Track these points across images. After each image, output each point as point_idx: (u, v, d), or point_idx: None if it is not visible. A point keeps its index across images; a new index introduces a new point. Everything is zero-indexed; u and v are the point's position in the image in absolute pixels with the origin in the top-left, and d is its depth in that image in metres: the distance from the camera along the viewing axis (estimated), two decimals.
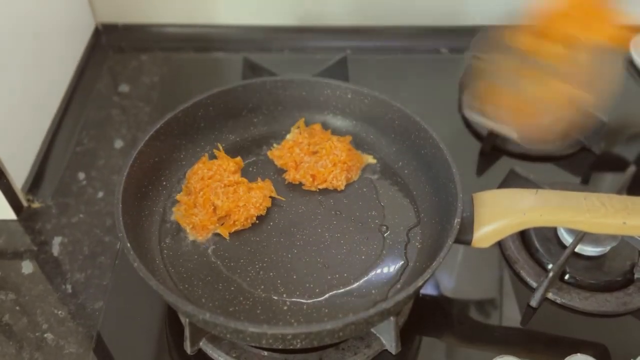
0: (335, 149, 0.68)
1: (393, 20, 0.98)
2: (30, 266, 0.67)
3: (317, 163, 0.67)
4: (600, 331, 0.61)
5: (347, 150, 0.68)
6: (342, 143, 0.69)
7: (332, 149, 0.68)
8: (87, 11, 0.95)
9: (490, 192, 0.59)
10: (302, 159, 0.68)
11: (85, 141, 0.82)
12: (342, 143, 0.69)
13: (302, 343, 0.51)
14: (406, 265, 0.60)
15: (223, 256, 0.61)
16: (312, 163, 0.67)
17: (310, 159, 0.68)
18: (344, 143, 0.69)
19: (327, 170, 0.66)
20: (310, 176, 0.67)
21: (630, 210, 0.53)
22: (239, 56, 0.90)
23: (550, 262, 0.64)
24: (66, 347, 0.60)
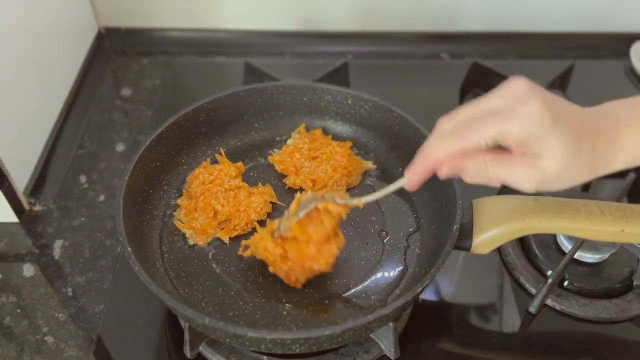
0: (336, 154, 0.68)
1: (394, 26, 0.98)
2: (31, 269, 0.67)
3: (318, 168, 0.67)
4: (599, 338, 0.61)
5: (347, 156, 0.68)
6: (343, 149, 0.69)
7: (332, 155, 0.68)
8: (90, 15, 0.96)
9: (490, 199, 0.59)
10: (302, 164, 0.68)
11: (87, 145, 0.82)
12: (343, 149, 0.69)
13: (302, 348, 0.51)
14: (406, 271, 0.61)
15: (223, 261, 0.61)
16: (313, 168, 0.68)
17: (311, 165, 0.68)
18: (345, 149, 0.69)
19: (327, 176, 0.67)
20: (311, 181, 0.67)
21: (629, 218, 0.53)
22: (241, 61, 0.91)
23: (550, 269, 0.65)
24: (66, 351, 0.60)
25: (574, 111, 0.45)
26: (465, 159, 0.45)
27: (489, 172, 0.44)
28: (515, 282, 0.65)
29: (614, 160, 0.45)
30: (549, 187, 0.45)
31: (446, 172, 0.46)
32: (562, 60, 0.91)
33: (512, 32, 0.98)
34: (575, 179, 0.45)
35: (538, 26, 0.98)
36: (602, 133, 0.45)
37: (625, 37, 0.97)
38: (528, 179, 0.44)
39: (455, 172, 0.46)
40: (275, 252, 0.56)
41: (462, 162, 0.45)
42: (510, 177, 0.44)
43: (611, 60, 0.97)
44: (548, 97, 0.43)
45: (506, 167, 0.44)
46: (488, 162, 0.44)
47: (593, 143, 0.44)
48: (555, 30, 0.98)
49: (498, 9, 0.96)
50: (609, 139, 0.45)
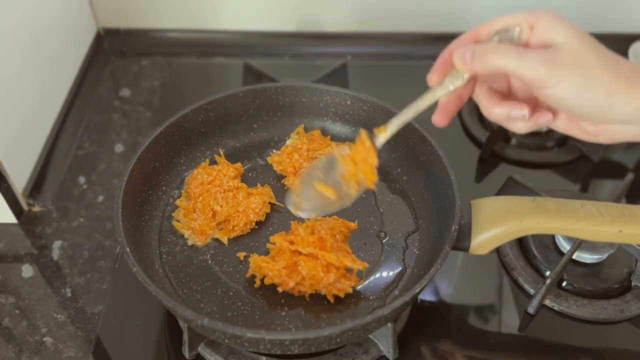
0: None
1: (393, 26, 0.98)
2: (30, 270, 0.67)
3: None
4: (598, 338, 0.61)
5: None
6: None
7: None
8: (89, 16, 0.96)
9: (488, 199, 0.59)
10: (301, 164, 0.68)
11: (86, 145, 0.82)
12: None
13: (300, 349, 0.51)
14: (404, 271, 0.61)
15: (222, 261, 0.61)
16: None
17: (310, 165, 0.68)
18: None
19: None
20: None
21: (626, 218, 0.53)
22: (240, 62, 0.91)
23: (548, 269, 0.65)
24: (65, 351, 0.60)
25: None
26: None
27: (498, 54, 0.43)
28: (514, 283, 0.66)
29: (630, 102, 0.41)
30: (556, 84, 0.41)
31: (458, 54, 0.45)
32: None
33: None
34: (584, 86, 0.41)
35: None
36: (631, 70, 0.42)
37: (624, 38, 0.97)
38: (538, 62, 0.41)
39: (466, 54, 0.44)
40: (281, 273, 0.56)
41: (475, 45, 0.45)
42: (520, 62, 0.42)
43: None
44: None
45: (517, 53, 0.43)
46: (500, 48, 0.43)
47: (617, 64, 0.42)
48: None
49: (497, 9, 0.96)
50: (637, 78, 0.42)
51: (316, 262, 0.56)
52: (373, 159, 0.53)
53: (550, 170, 0.79)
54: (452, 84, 0.47)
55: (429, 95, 0.49)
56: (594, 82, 0.41)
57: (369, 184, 0.53)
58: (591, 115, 0.43)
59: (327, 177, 0.56)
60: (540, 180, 0.75)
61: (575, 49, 0.42)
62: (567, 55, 0.42)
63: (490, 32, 0.47)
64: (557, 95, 0.42)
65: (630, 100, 0.41)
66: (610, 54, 0.43)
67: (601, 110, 0.42)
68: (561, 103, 0.43)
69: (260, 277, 0.58)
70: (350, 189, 0.54)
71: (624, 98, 0.41)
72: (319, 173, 0.56)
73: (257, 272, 0.58)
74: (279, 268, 0.56)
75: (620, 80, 0.41)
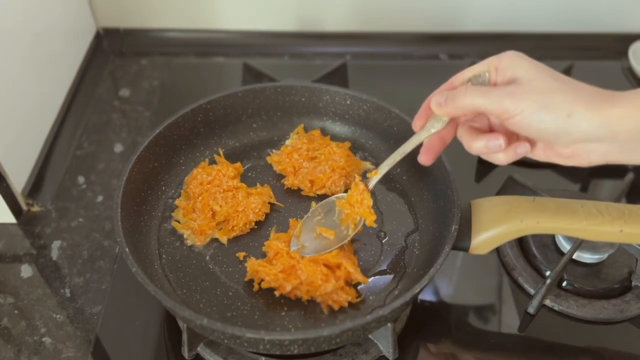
0: (334, 154, 0.68)
1: (393, 26, 0.98)
2: (29, 270, 0.67)
3: (316, 169, 0.67)
4: (598, 338, 0.61)
5: (345, 156, 0.68)
6: (341, 149, 0.69)
7: (330, 155, 0.68)
8: (89, 15, 0.95)
9: (488, 199, 0.59)
10: (300, 164, 0.68)
11: (85, 145, 0.82)
12: (341, 149, 0.69)
13: (300, 349, 0.51)
14: (404, 271, 0.60)
15: (221, 261, 0.61)
16: (311, 169, 0.68)
17: (309, 165, 0.68)
18: (343, 149, 0.69)
19: (325, 176, 0.67)
20: (309, 182, 0.67)
21: (627, 218, 0.53)
22: (239, 61, 0.91)
23: (548, 269, 0.65)
24: (64, 351, 0.60)
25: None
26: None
27: (467, 94, 0.47)
28: (514, 283, 0.65)
29: (591, 119, 0.44)
30: (520, 113, 0.45)
31: (434, 99, 0.50)
32: (560, 61, 0.91)
33: (510, 32, 0.98)
34: (545, 109, 0.44)
35: (536, 26, 0.98)
36: (588, 91, 0.45)
37: (623, 38, 0.97)
38: (502, 95, 0.45)
39: (441, 97, 0.49)
40: (278, 277, 0.57)
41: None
42: (486, 98, 0.46)
43: (610, 61, 0.97)
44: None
45: (483, 91, 0.47)
46: (468, 89, 0.48)
47: (574, 87, 0.45)
48: (553, 30, 0.99)
49: (496, 10, 0.96)
50: (594, 98, 0.44)
51: (316, 268, 0.56)
52: (368, 200, 0.59)
53: (550, 170, 0.79)
54: (434, 127, 0.52)
55: (414, 139, 0.55)
56: (553, 105, 0.44)
57: (370, 223, 0.58)
58: (559, 137, 0.45)
59: (326, 220, 0.61)
60: (540, 180, 0.75)
61: (534, 79, 0.46)
62: (527, 86, 0.46)
63: (463, 80, 0.51)
64: (524, 122, 0.45)
65: (592, 117, 0.44)
66: (569, 79, 0.46)
67: (565, 130, 0.44)
68: (529, 129, 0.46)
69: (258, 282, 0.58)
70: (348, 230, 0.59)
71: (584, 116, 0.44)
72: (319, 217, 0.61)
73: (255, 277, 0.58)
74: (276, 272, 0.57)
75: (578, 99, 0.44)
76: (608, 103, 0.44)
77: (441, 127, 0.52)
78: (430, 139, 0.54)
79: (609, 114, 0.43)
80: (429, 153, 0.55)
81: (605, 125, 0.43)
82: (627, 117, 0.43)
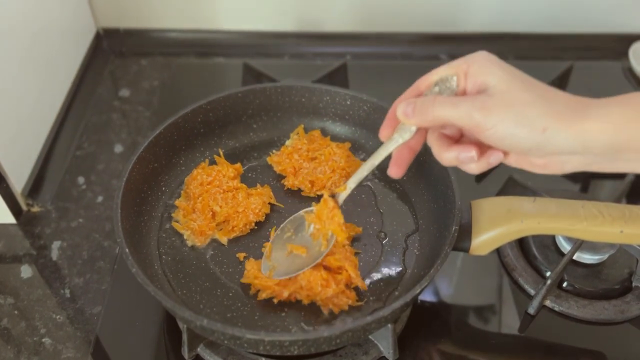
0: (334, 155, 0.68)
1: (393, 26, 0.98)
2: (29, 270, 0.67)
3: (316, 169, 0.67)
4: (598, 339, 0.61)
5: (346, 157, 0.68)
6: (341, 149, 0.69)
7: (331, 155, 0.68)
8: (89, 16, 0.95)
9: (489, 200, 0.59)
10: (301, 165, 0.68)
11: (85, 145, 0.82)
12: (341, 149, 0.69)
13: (300, 350, 0.51)
14: (404, 272, 0.60)
15: (221, 262, 0.61)
16: (311, 169, 0.68)
17: (309, 165, 0.68)
18: (343, 149, 0.69)
19: (325, 177, 0.67)
20: (309, 182, 0.67)
21: (627, 218, 0.53)
22: (239, 62, 0.91)
23: (549, 270, 0.65)
24: (64, 352, 0.60)
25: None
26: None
27: (435, 106, 0.45)
28: (514, 283, 0.65)
29: (566, 134, 0.42)
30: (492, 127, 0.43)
31: (400, 109, 0.47)
32: (560, 61, 0.91)
33: (510, 32, 0.98)
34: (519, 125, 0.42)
35: (536, 27, 0.98)
36: (562, 102, 0.43)
37: (624, 38, 0.97)
38: (472, 109, 0.43)
39: (408, 107, 0.47)
40: (274, 290, 0.56)
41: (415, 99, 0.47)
42: (455, 111, 0.44)
43: (610, 61, 0.97)
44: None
45: (453, 103, 0.44)
46: (437, 100, 0.45)
47: (547, 98, 0.43)
48: (553, 30, 0.98)
49: (496, 10, 0.96)
50: (568, 110, 0.42)
51: (316, 274, 0.56)
52: (339, 217, 0.56)
53: None
54: (402, 137, 0.50)
55: (382, 150, 0.52)
56: (527, 119, 0.42)
57: (341, 241, 0.56)
58: (533, 151, 0.44)
59: (297, 237, 0.59)
60: (540, 180, 0.75)
61: (506, 90, 0.43)
62: (498, 98, 0.43)
63: (429, 84, 0.49)
64: (496, 136, 0.43)
65: (568, 131, 0.42)
66: (544, 89, 0.44)
67: (540, 144, 0.43)
68: (501, 143, 0.44)
69: (255, 290, 0.58)
70: (320, 246, 0.57)
71: (559, 131, 0.42)
72: (289, 234, 0.59)
73: (252, 283, 0.58)
74: (272, 285, 0.56)
75: (553, 113, 0.42)
76: (582, 116, 0.42)
77: (409, 137, 0.49)
78: (399, 150, 0.51)
79: (583, 129, 0.42)
80: (399, 165, 0.52)
81: (579, 140, 0.42)
82: (601, 131, 0.42)
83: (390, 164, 0.53)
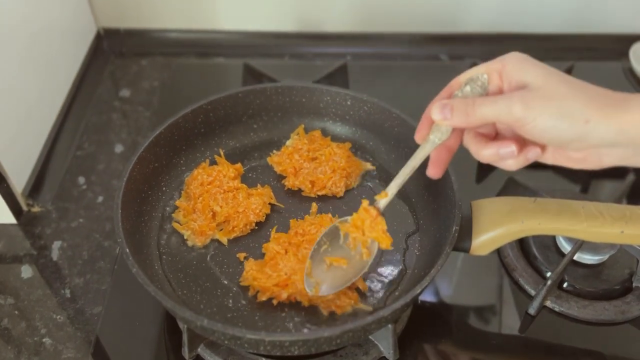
0: (335, 155, 0.68)
1: (393, 27, 0.98)
2: (29, 270, 0.67)
3: (317, 169, 0.67)
4: (599, 340, 0.61)
5: (346, 157, 0.68)
6: (342, 150, 0.69)
7: (331, 156, 0.68)
8: (89, 16, 0.95)
9: (489, 200, 0.59)
10: (301, 165, 0.68)
11: (85, 146, 0.82)
12: (342, 150, 0.69)
13: (300, 350, 0.51)
14: (405, 272, 0.60)
15: (222, 262, 0.61)
16: (312, 169, 0.68)
17: (310, 166, 0.68)
18: (344, 150, 0.69)
19: (326, 177, 0.67)
20: (310, 182, 0.67)
21: (627, 219, 0.53)
22: (240, 62, 0.91)
23: (549, 270, 0.64)
24: (64, 352, 0.60)
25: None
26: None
27: (475, 106, 0.45)
28: (515, 284, 0.65)
29: (608, 125, 0.42)
30: (533, 120, 0.43)
31: (437, 111, 0.47)
32: (561, 62, 0.91)
33: (511, 33, 0.98)
34: (561, 117, 0.43)
35: (537, 27, 0.98)
36: (600, 95, 0.44)
37: (624, 38, 0.97)
38: (511, 103, 0.43)
39: (445, 109, 0.47)
40: (273, 290, 0.56)
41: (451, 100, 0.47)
42: (495, 107, 0.44)
43: (610, 62, 0.97)
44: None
45: (491, 101, 0.45)
46: (476, 100, 0.45)
47: (585, 91, 0.44)
48: (554, 31, 0.98)
49: (497, 10, 0.96)
50: (608, 103, 0.43)
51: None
52: (382, 225, 0.54)
53: (551, 171, 0.79)
54: (438, 138, 0.50)
55: (420, 152, 0.51)
56: (569, 112, 0.43)
57: (386, 247, 0.54)
58: (574, 143, 0.44)
59: (334, 248, 0.57)
60: (541, 181, 0.75)
61: (545, 84, 0.44)
62: (538, 91, 0.44)
63: (460, 84, 0.49)
64: (537, 129, 0.44)
65: (610, 123, 0.42)
66: (579, 82, 0.45)
67: (582, 137, 0.43)
68: (542, 136, 0.44)
69: (254, 291, 0.58)
70: (362, 255, 0.56)
71: (601, 123, 0.43)
72: (326, 247, 0.57)
73: (251, 284, 0.58)
74: (270, 286, 0.56)
75: (594, 106, 0.43)
76: (622, 108, 0.43)
77: (446, 137, 0.49)
78: (437, 150, 0.51)
79: (625, 120, 0.42)
80: (437, 165, 0.52)
81: (622, 131, 0.42)
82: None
83: (429, 164, 0.53)
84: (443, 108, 0.47)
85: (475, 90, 0.48)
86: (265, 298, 0.57)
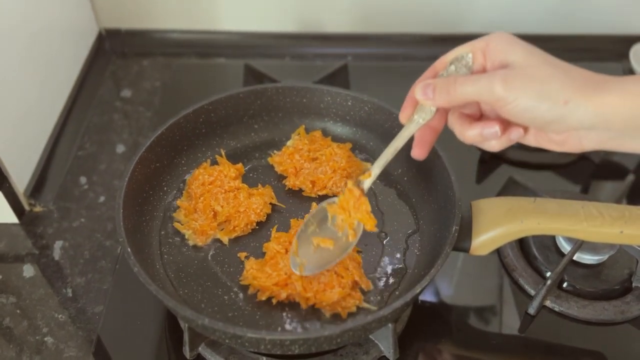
0: (335, 155, 0.68)
1: (394, 27, 0.98)
2: (31, 270, 0.67)
3: (317, 169, 0.68)
4: (598, 339, 0.61)
5: (347, 157, 0.68)
6: (342, 150, 0.69)
7: (332, 156, 0.68)
8: (91, 16, 0.96)
9: (489, 200, 0.59)
10: (302, 165, 0.68)
11: (87, 146, 0.82)
12: (342, 150, 0.69)
13: (301, 349, 0.51)
14: (405, 272, 0.61)
15: (223, 262, 0.61)
16: (312, 169, 0.68)
17: (310, 166, 0.68)
18: (344, 150, 0.70)
19: (326, 177, 0.67)
20: (310, 182, 0.67)
21: (627, 219, 0.53)
22: (241, 62, 0.91)
23: (549, 270, 0.65)
24: (66, 351, 0.60)
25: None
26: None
27: (457, 85, 0.45)
28: (514, 284, 0.66)
29: (586, 107, 0.42)
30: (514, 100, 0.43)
31: (419, 91, 0.48)
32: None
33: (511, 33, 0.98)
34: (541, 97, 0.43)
35: (537, 28, 0.98)
36: (582, 76, 0.44)
37: (624, 39, 0.97)
38: (492, 83, 0.43)
39: (427, 89, 0.47)
40: (273, 290, 0.56)
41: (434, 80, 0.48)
42: (476, 86, 0.44)
43: (610, 62, 0.97)
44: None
45: (473, 80, 0.45)
46: (457, 79, 0.46)
47: (568, 72, 0.44)
48: (554, 32, 0.99)
49: (497, 11, 0.96)
50: (588, 84, 0.43)
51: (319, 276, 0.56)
52: (366, 205, 0.55)
53: (551, 171, 0.79)
54: (422, 118, 0.50)
55: (404, 133, 0.52)
56: (548, 92, 0.43)
57: (370, 228, 0.55)
58: (554, 125, 0.44)
59: (321, 229, 0.58)
60: (540, 181, 0.75)
61: (527, 65, 0.44)
62: (519, 72, 0.44)
63: (445, 64, 0.49)
64: (517, 109, 0.44)
65: (588, 105, 0.42)
66: (562, 63, 0.45)
67: (561, 118, 0.43)
68: (523, 117, 0.44)
69: (255, 289, 0.58)
70: (348, 237, 0.56)
71: (580, 104, 0.43)
72: (313, 227, 0.58)
73: (251, 283, 0.58)
74: (270, 285, 0.57)
75: (574, 87, 0.43)
76: (603, 90, 0.43)
77: (430, 117, 0.49)
78: (421, 131, 0.52)
79: (603, 102, 0.42)
80: (422, 146, 0.52)
81: (600, 114, 0.42)
82: (621, 105, 0.42)
83: (414, 145, 0.53)
84: (426, 88, 0.47)
85: (461, 70, 0.48)
86: (264, 297, 0.57)
